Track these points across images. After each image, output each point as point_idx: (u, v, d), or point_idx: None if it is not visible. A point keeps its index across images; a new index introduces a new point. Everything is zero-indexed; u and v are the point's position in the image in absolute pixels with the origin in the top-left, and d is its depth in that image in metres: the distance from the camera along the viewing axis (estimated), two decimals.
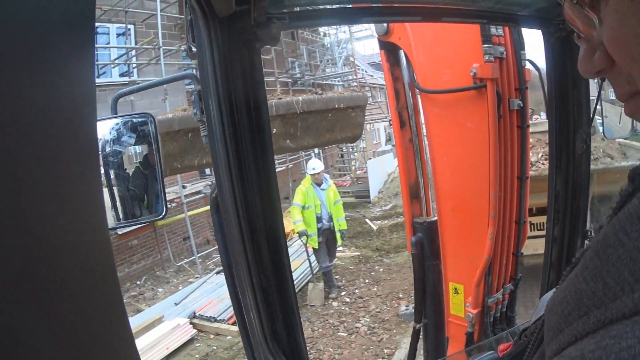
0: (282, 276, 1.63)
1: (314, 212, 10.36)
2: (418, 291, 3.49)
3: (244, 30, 1.42)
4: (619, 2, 0.57)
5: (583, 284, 0.52)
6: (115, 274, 0.64)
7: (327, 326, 9.40)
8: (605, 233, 0.51)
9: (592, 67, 0.66)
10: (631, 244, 0.46)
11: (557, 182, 2.38)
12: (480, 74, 2.67)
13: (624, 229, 0.48)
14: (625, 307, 0.44)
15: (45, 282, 0.49)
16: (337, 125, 5.80)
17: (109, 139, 1.51)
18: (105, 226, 0.61)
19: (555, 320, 0.57)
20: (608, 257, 0.49)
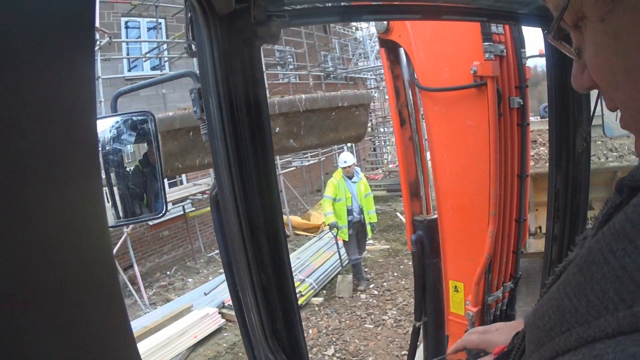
0: (282, 274, 1.63)
1: (345, 205, 10.44)
2: (418, 289, 3.50)
3: (244, 28, 1.41)
4: (594, 34, 0.58)
5: (566, 300, 0.51)
6: (115, 273, 0.64)
7: (355, 318, 9.51)
8: (590, 248, 0.50)
9: (582, 84, 0.66)
10: (617, 263, 0.45)
11: (557, 181, 2.38)
12: (481, 71, 2.67)
13: (610, 246, 0.47)
14: (608, 327, 0.44)
15: (44, 281, 0.49)
16: (341, 124, 5.76)
17: (109, 137, 1.51)
18: (105, 224, 0.61)
19: (536, 334, 0.56)
20: (592, 274, 0.48)
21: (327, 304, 10.32)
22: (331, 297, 10.61)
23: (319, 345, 8.63)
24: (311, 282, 10.73)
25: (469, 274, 3.07)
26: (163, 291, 12.40)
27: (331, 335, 8.93)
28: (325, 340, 8.79)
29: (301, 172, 18.85)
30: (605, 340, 0.43)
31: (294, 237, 15.40)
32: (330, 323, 9.42)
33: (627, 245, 0.44)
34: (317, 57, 21.06)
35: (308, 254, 12.54)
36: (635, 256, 0.43)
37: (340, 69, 22.08)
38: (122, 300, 0.64)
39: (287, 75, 19.17)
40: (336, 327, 9.22)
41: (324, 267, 11.64)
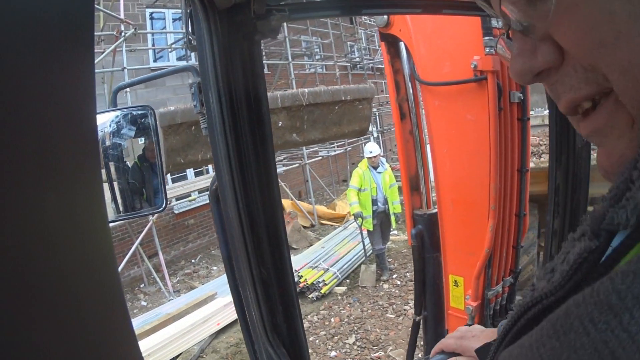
0: (282, 269, 1.63)
1: (370, 195, 10.54)
2: (418, 283, 3.50)
3: (244, 22, 1.41)
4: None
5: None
6: (116, 268, 0.64)
7: (377, 307, 9.64)
8: (568, 312, 0.46)
9: (532, 67, 0.57)
10: (598, 336, 0.41)
11: (557, 176, 2.38)
12: (481, 66, 2.67)
13: (591, 316, 0.43)
14: None
15: (44, 276, 0.49)
16: (345, 118, 5.74)
17: (108, 131, 1.51)
18: (105, 219, 0.62)
19: None
20: (570, 342, 0.44)
21: (350, 293, 10.46)
22: (354, 286, 10.75)
23: (341, 333, 8.76)
24: (335, 272, 10.84)
25: (469, 268, 3.07)
26: (187, 279, 12.63)
27: (353, 324, 9.05)
28: (347, 328, 8.92)
29: (327, 161, 19.07)
30: None
31: (319, 227, 15.65)
32: (353, 312, 9.55)
33: (612, 319, 0.41)
34: (344, 47, 21.21)
35: (332, 243, 12.65)
36: (618, 332, 0.40)
37: (366, 59, 22.12)
38: (122, 295, 0.64)
39: (314, 65, 19.25)
40: (358, 316, 9.35)
41: (348, 256, 11.76)
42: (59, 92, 0.50)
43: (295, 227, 14.19)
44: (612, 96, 0.52)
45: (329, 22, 19.14)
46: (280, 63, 17.21)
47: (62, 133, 0.51)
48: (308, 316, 9.50)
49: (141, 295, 11.93)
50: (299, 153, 16.63)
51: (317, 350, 8.34)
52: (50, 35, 0.49)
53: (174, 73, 2.03)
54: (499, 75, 2.73)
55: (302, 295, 10.16)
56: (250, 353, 1.78)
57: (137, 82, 2.20)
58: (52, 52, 0.49)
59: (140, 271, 12.64)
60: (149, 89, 13.14)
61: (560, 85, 0.56)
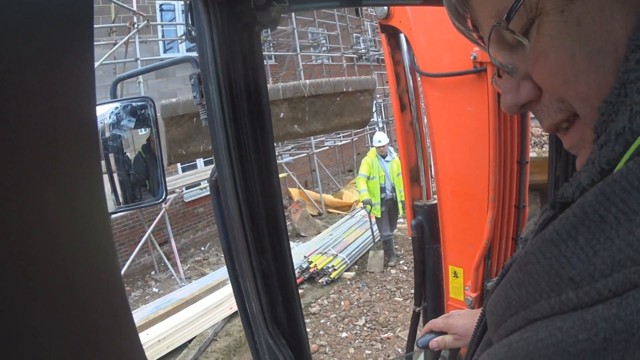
0: (282, 260, 1.63)
1: (378, 183, 11.00)
2: (418, 274, 3.50)
3: (244, 13, 1.41)
4: (552, 27, 0.62)
5: (510, 291, 0.64)
6: (116, 260, 0.64)
7: (385, 291, 10.20)
8: (527, 251, 0.63)
9: (518, 101, 0.72)
10: (546, 262, 0.58)
11: (556, 167, 2.38)
12: (481, 57, 2.66)
13: (540, 249, 0.60)
14: (544, 310, 0.57)
15: (43, 269, 0.49)
16: (346, 109, 5.74)
17: (108, 123, 1.51)
18: (105, 211, 0.62)
19: (493, 318, 0.70)
20: (529, 271, 0.61)
21: (359, 278, 11.00)
22: (362, 271, 11.30)
23: (351, 316, 9.29)
24: (344, 257, 11.35)
25: (469, 259, 3.07)
26: (198, 266, 12.96)
27: (362, 307, 9.60)
28: (357, 311, 9.46)
29: (334, 151, 19.48)
30: (542, 320, 0.56)
31: (327, 215, 16.29)
32: (362, 296, 10.08)
33: (553, 249, 0.57)
34: (350, 39, 21.69)
35: (340, 230, 13.19)
36: (559, 257, 0.56)
37: (372, 51, 22.56)
38: (123, 287, 0.65)
39: (320, 57, 19.60)
40: (367, 299, 9.89)
41: (356, 243, 12.28)
42: (58, 83, 0.50)
43: (304, 215, 14.75)
44: (579, 119, 0.67)
45: (336, 14, 19.61)
46: (288, 54, 17.56)
47: (62, 124, 0.51)
48: (319, 300, 10.05)
49: (152, 282, 12.31)
50: (306, 143, 16.91)
51: (328, 332, 8.83)
52: (50, 27, 0.49)
53: (173, 64, 2.03)
54: None
55: (312, 281, 10.81)
56: (250, 344, 1.79)
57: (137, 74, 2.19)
58: (51, 44, 0.49)
59: (151, 259, 12.94)
60: (159, 79, 13.31)
61: (540, 113, 0.72)
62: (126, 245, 12.90)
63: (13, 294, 0.45)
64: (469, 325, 1.58)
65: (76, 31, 0.52)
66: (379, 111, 22.70)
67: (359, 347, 8.26)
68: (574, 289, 0.53)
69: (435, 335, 1.65)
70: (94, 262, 0.58)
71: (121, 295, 0.64)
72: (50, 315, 0.50)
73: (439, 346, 1.64)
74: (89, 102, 0.55)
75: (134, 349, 0.67)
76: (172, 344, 8.36)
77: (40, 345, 0.49)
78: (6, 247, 0.44)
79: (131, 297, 11.40)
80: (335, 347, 8.33)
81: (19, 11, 0.44)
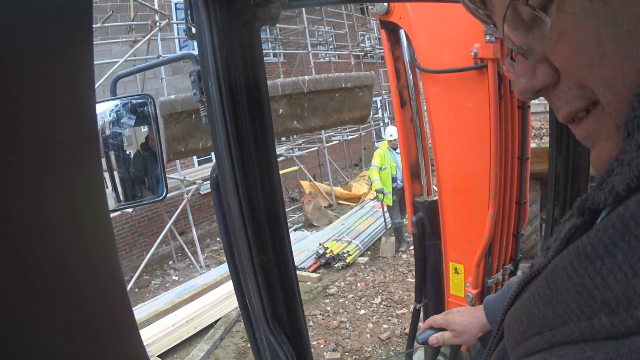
0: (282, 256, 1.64)
1: (390, 173, 11.59)
2: (419, 271, 3.51)
3: (243, 10, 1.41)
4: (575, 4, 0.57)
5: (535, 308, 0.58)
6: (117, 256, 0.64)
7: (398, 274, 10.73)
8: (556, 265, 0.57)
9: (534, 85, 0.66)
10: (578, 280, 0.52)
11: (557, 164, 2.38)
12: (482, 54, 2.66)
13: (573, 265, 0.53)
14: (572, 334, 0.50)
15: (44, 266, 0.49)
16: (345, 105, 5.73)
17: (108, 120, 1.51)
18: (105, 208, 0.62)
19: (512, 335, 0.64)
20: (557, 288, 0.55)
21: (372, 263, 11.52)
22: (375, 257, 11.84)
23: (367, 295, 9.84)
24: (357, 244, 11.94)
25: (469, 256, 3.08)
26: (215, 255, 13.38)
27: (377, 288, 10.13)
28: (373, 291, 10.00)
29: (341, 146, 20.08)
30: (569, 345, 0.50)
31: (337, 206, 16.88)
32: (376, 278, 10.61)
33: (587, 265, 0.51)
34: (356, 37, 22.23)
35: (352, 220, 13.70)
36: (593, 276, 0.49)
37: (378, 49, 22.87)
38: (123, 284, 0.65)
39: (328, 55, 20.01)
40: (381, 281, 10.42)
41: (368, 230, 12.85)
42: (58, 81, 0.50)
43: (316, 205, 15.24)
44: (600, 106, 0.60)
45: (344, 13, 20.32)
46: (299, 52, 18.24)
47: (61, 122, 0.51)
48: (336, 282, 10.59)
49: (171, 271, 12.75)
50: (316, 138, 17.49)
51: (347, 310, 9.36)
52: (49, 24, 0.49)
53: (173, 61, 2.04)
54: (499, 63, 2.72)
55: (329, 266, 11.39)
56: (251, 340, 1.79)
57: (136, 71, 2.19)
58: (50, 42, 0.49)
59: (169, 248, 13.22)
60: (176, 75, 13.41)
61: (557, 100, 0.65)
62: (145, 235, 13.28)
63: (13, 291, 0.45)
64: (468, 323, 1.60)
65: (75, 29, 0.52)
66: (384, 107, 23.19)
67: (377, 322, 8.76)
68: (609, 315, 0.47)
69: (435, 332, 1.67)
70: (95, 260, 0.58)
71: (122, 292, 0.64)
72: (50, 313, 0.50)
73: (438, 342, 1.65)
74: (89, 99, 0.55)
75: (134, 346, 0.67)
76: (199, 325, 8.73)
77: (40, 342, 0.49)
78: (6, 244, 0.44)
79: (151, 285, 11.90)
80: (354, 322, 8.84)
81: (17, 9, 0.44)
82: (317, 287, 10.47)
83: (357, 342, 8.24)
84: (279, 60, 17.81)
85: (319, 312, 9.36)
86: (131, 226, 13.07)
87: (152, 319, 8.65)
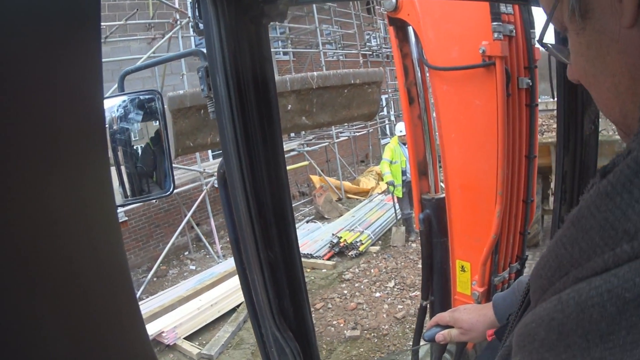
0: (289, 252, 1.64)
1: (400, 167, 12.02)
2: (425, 268, 3.50)
3: (251, 6, 1.41)
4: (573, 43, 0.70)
5: (562, 249, 0.62)
6: (123, 251, 0.65)
7: (408, 261, 11.22)
8: (580, 207, 0.62)
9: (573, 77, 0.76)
10: (600, 216, 0.57)
11: (564, 163, 2.37)
12: (489, 51, 2.65)
13: (596, 203, 0.58)
14: (597, 266, 0.55)
15: (51, 260, 0.49)
16: (354, 101, 5.72)
17: (116, 116, 1.51)
18: (112, 203, 0.62)
19: (540, 283, 0.67)
20: (582, 226, 0.59)
21: (384, 252, 12.08)
22: (386, 246, 12.41)
23: (381, 280, 10.42)
24: (369, 233, 12.60)
25: (476, 253, 3.07)
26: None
27: (390, 273, 10.70)
28: (386, 276, 10.58)
29: (349, 142, 20.55)
30: (595, 277, 0.55)
31: (346, 200, 17.49)
32: (388, 264, 11.20)
33: (608, 202, 0.56)
34: (363, 37, 23.07)
35: (361, 212, 14.35)
36: (614, 210, 0.55)
37: (384, 48, 23.59)
38: (129, 278, 0.65)
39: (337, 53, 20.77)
40: (394, 267, 11.01)
41: (378, 222, 13.50)
42: (65, 78, 0.51)
43: (328, 198, 15.93)
44: None
45: (353, 13, 21.25)
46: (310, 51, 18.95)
47: (69, 118, 0.52)
48: (350, 269, 11.20)
49: (188, 261, 13.28)
50: (325, 134, 18.07)
51: (363, 293, 9.93)
52: (57, 21, 0.49)
53: (181, 57, 2.04)
54: (507, 61, 2.71)
55: (342, 254, 12.00)
56: (257, 336, 1.79)
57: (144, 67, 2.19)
58: (58, 39, 0.49)
59: (185, 239, 13.61)
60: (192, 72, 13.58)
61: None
62: (161, 227, 13.72)
63: (19, 286, 0.45)
64: (474, 320, 1.61)
65: (83, 27, 0.53)
66: (390, 105, 23.76)
67: (392, 303, 9.37)
68: (629, 241, 0.53)
69: (441, 329, 1.67)
70: (101, 255, 0.58)
71: (128, 287, 0.64)
72: (56, 308, 0.51)
73: (445, 340, 1.66)
74: (96, 95, 0.56)
75: (140, 341, 0.68)
76: (223, 309, 9.11)
77: (46, 337, 0.49)
78: (12, 239, 0.44)
79: (169, 275, 12.44)
80: (371, 304, 9.42)
81: (25, 7, 0.44)
82: (333, 274, 11.06)
83: (374, 321, 8.77)
84: (290, 58, 18.29)
85: (336, 295, 9.95)
86: (148, 218, 13.48)
87: (176, 304, 9.10)
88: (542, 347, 0.61)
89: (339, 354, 8.11)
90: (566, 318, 0.57)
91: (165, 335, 8.32)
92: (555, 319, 0.59)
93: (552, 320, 0.59)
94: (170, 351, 8.34)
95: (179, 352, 8.31)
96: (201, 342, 8.51)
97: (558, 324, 0.58)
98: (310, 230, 13.66)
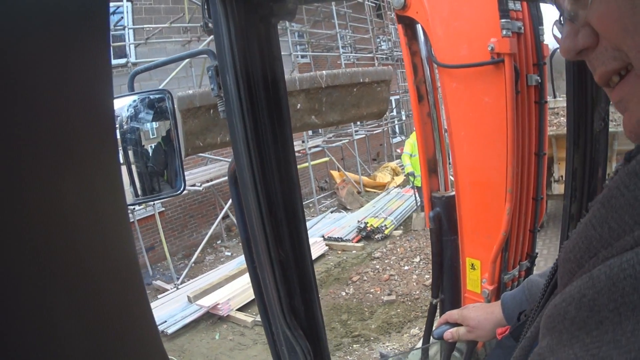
0: (300, 250, 1.64)
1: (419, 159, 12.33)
2: (435, 266, 3.50)
3: (261, 5, 1.41)
4: None
5: (592, 230, 0.64)
6: (134, 249, 0.65)
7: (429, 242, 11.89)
8: (609, 187, 0.64)
9: (576, 45, 0.73)
10: (630, 194, 0.58)
11: (574, 160, 2.36)
12: (498, 48, 2.64)
13: (625, 182, 0.60)
14: (627, 244, 0.56)
15: (63, 260, 0.50)
16: (363, 100, 5.70)
17: (126, 115, 1.52)
18: (123, 202, 0.62)
19: (569, 266, 0.69)
20: (612, 206, 0.61)
21: (406, 235, 13.78)
22: (407, 230, 14.16)
23: (407, 257, 12.06)
24: (392, 219, 14.39)
25: (486, 251, 3.06)
26: None
27: (415, 251, 12.31)
28: (411, 254, 12.18)
29: (363, 141, 22.04)
30: (625, 252, 0.56)
31: (365, 193, 19.29)
32: (412, 245, 12.85)
33: (637, 181, 0.58)
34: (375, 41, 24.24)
35: (381, 203, 16.24)
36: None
37: (395, 51, 24.67)
38: (140, 276, 0.65)
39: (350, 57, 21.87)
40: (417, 246, 12.58)
41: (399, 210, 15.33)
42: (77, 78, 0.51)
43: (350, 191, 17.67)
44: (633, 72, 0.67)
45: (368, 19, 22.65)
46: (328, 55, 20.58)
47: (79, 118, 0.52)
48: (378, 249, 12.90)
49: (222, 249, 14.82)
50: (342, 132, 19.63)
51: (393, 267, 11.65)
52: (67, 22, 0.49)
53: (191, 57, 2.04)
54: (516, 58, 2.70)
55: (369, 238, 13.82)
56: (267, 335, 1.79)
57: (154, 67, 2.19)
58: (68, 40, 0.50)
59: (218, 228, 14.69)
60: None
61: (595, 61, 0.72)
62: (195, 217, 14.87)
63: (33, 284, 0.46)
64: (482, 318, 1.62)
65: (92, 28, 0.53)
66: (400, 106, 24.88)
67: (420, 274, 10.96)
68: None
69: (450, 327, 1.68)
70: (112, 253, 0.59)
71: (139, 285, 0.64)
72: (69, 302, 0.51)
73: (453, 337, 1.67)
74: (107, 95, 0.56)
75: (150, 335, 0.68)
76: None
77: (60, 331, 0.50)
78: (26, 238, 0.44)
79: (206, 260, 13.90)
80: (401, 275, 11.12)
81: (35, 8, 0.45)
82: (363, 254, 12.86)
83: (406, 288, 10.39)
84: (310, 61, 19.66)
85: (369, 269, 11.66)
86: (183, 209, 14.50)
87: (223, 282, 10.55)
88: (573, 326, 0.60)
89: (379, 314, 9.55)
90: (597, 293, 0.57)
91: (220, 306, 9.57)
92: (586, 295, 0.59)
93: (582, 297, 0.60)
94: (223, 322, 9.70)
95: (232, 323, 9.64)
96: (251, 313, 9.69)
97: (589, 299, 0.58)
98: (336, 219, 15.40)
